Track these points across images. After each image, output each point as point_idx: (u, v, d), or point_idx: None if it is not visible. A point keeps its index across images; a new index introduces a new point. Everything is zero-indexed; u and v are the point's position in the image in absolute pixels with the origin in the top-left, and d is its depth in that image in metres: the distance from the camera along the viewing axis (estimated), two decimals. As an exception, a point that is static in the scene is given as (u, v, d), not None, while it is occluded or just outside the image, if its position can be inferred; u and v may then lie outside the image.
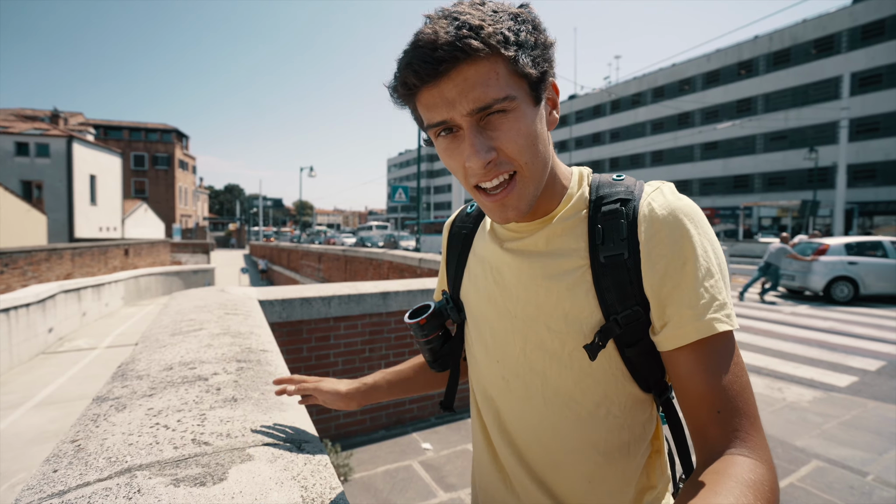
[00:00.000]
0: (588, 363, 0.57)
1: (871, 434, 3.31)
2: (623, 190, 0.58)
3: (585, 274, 0.57)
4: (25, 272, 10.01)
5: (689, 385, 0.51)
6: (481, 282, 0.68)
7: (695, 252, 0.52)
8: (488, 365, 0.67)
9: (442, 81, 0.50)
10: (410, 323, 0.72)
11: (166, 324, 1.72)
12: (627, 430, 0.59)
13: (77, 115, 36.40)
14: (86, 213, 24.16)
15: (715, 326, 0.50)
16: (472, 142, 0.52)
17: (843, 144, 18.20)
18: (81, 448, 0.72)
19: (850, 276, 8.95)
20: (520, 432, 0.64)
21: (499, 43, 0.49)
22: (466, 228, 0.75)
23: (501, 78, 0.50)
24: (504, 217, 0.56)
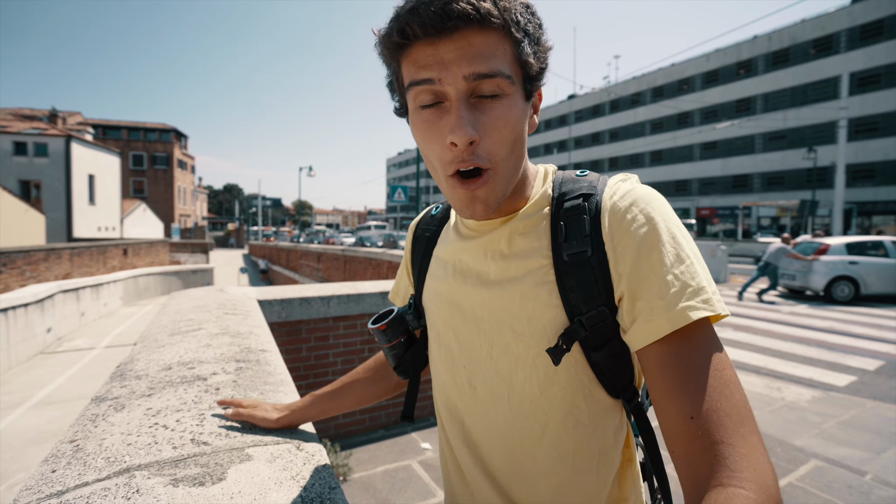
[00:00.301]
0: (553, 368, 0.54)
1: (869, 433, 3.32)
2: (586, 185, 0.56)
3: (548, 273, 0.54)
4: (24, 272, 10.00)
5: (660, 387, 0.45)
6: (444, 285, 0.64)
7: (660, 238, 0.48)
8: (454, 371, 0.63)
9: (443, 40, 0.46)
10: (372, 328, 0.70)
11: (165, 324, 1.72)
12: (597, 440, 0.56)
13: (75, 115, 36.33)
14: (84, 213, 24.12)
15: (689, 315, 0.44)
16: (460, 114, 0.47)
17: (842, 144, 18.23)
18: (80, 448, 0.71)
19: (851, 275, 8.94)
20: (485, 443, 0.60)
21: (512, 21, 0.47)
22: (430, 231, 0.73)
23: (506, 57, 0.48)
24: (472, 210, 0.52)
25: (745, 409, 0.42)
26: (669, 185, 38.74)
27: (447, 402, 0.65)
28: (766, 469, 0.39)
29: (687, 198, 37.25)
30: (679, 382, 0.44)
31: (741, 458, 0.39)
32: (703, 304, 0.45)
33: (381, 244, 26.96)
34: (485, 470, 0.60)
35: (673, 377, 0.44)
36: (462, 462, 0.64)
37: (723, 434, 0.40)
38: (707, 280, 0.47)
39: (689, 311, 0.45)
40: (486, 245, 0.60)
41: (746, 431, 0.41)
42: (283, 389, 1.04)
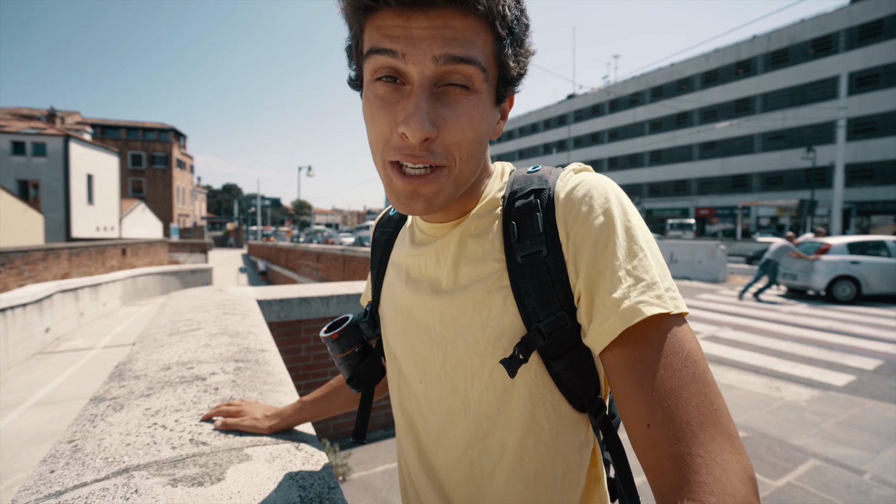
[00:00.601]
0: (510, 381, 0.49)
1: (868, 433, 3.33)
2: (536, 180, 0.52)
3: (502, 278, 0.50)
4: (22, 272, 9.98)
5: (619, 393, 0.42)
6: (398, 292, 0.60)
7: (615, 231, 0.44)
8: (409, 386, 0.60)
9: (417, 14, 0.41)
10: (324, 337, 0.65)
11: (164, 323, 1.71)
12: (561, 459, 0.51)
13: (74, 114, 36.27)
14: (83, 213, 24.09)
15: (641, 310, 0.41)
16: (419, 104, 0.42)
17: (841, 144, 18.26)
18: (78, 448, 0.71)
19: (853, 275, 8.94)
20: (443, 464, 0.56)
21: (499, 14, 0.43)
22: (386, 234, 0.68)
23: (485, 49, 0.43)
24: (410, 208, 0.47)
25: (707, 410, 0.38)
26: (668, 185, 38.77)
27: (402, 420, 0.62)
28: (730, 475, 0.35)
29: (686, 197, 37.28)
30: (636, 387, 0.40)
31: (701, 468, 0.35)
32: (656, 299, 0.41)
33: (380, 244, 26.82)
34: (442, 494, 0.57)
35: (629, 381, 0.41)
36: (419, 485, 0.60)
37: (680, 443, 0.37)
38: (661, 275, 0.44)
39: (641, 306, 0.41)
40: (438, 250, 0.55)
41: (707, 437, 0.37)
42: (283, 389, 1.04)
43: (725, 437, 0.37)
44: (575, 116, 47.12)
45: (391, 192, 0.48)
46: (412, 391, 0.59)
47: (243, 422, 0.80)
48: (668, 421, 0.38)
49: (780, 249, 9.28)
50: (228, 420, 0.80)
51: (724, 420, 0.38)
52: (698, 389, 0.39)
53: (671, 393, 0.39)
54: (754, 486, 0.36)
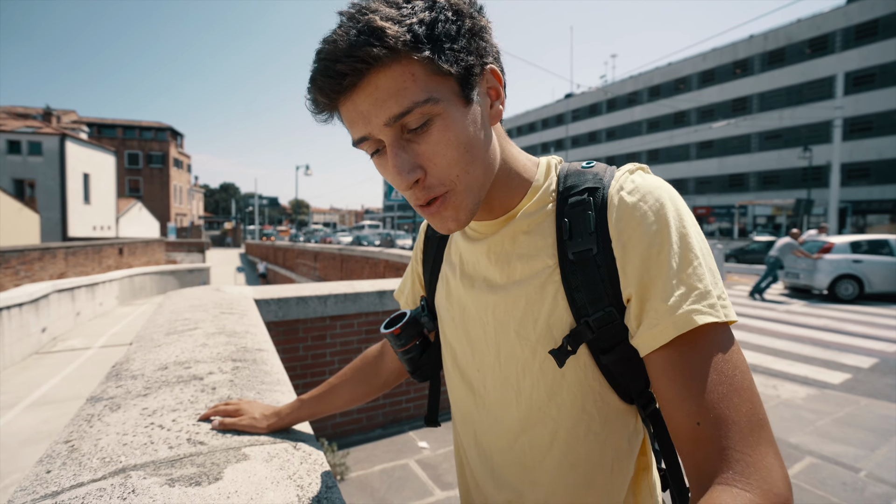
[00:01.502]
0: (560, 373, 0.52)
1: (863, 431, 3.35)
2: (591, 178, 0.52)
3: (554, 274, 0.52)
4: (18, 271, 9.93)
5: (667, 393, 0.44)
6: (453, 288, 0.63)
7: (670, 237, 0.45)
8: (466, 376, 0.62)
9: (354, 94, 0.44)
10: (385, 333, 0.68)
11: (161, 323, 1.71)
12: (611, 447, 0.53)
13: (70, 113, 36.08)
14: (79, 212, 23.98)
15: (694, 319, 0.43)
16: (394, 161, 0.46)
17: (837, 143, 18.33)
18: (75, 448, 0.71)
19: (855, 274, 8.95)
20: (496, 451, 0.59)
21: (407, 44, 0.42)
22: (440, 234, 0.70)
23: (419, 80, 0.44)
24: (445, 228, 0.51)
25: (755, 416, 0.41)
26: (666, 184, 38.81)
27: (459, 407, 0.65)
28: (775, 477, 0.38)
29: (683, 197, 36.58)
30: (685, 388, 0.43)
31: (748, 465, 0.39)
32: (709, 308, 0.43)
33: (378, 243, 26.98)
34: (496, 478, 0.59)
35: (679, 383, 0.43)
36: (475, 469, 0.63)
37: (730, 442, 0.40)
38: (714, 283, 0.45)
39: (694, 315, 0.43)
40: (490, 247, 0.58)
41: (755, 440, 0.40)
42: (280, 388, 1.04)
43: (769, 443, 0.40)
44: (573, 116, 47.15)
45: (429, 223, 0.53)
46: (468, 381, 0.62)
47: (241, 421, 0.80)
48: (719, 421, 0.41)
49: (784, 247, 9.28)
50: (226, 420, 0.80)
51: (767, 429, 0.41)
52: (747, 397, 0.42)
53: (723, 397, 0.41)
54: (790, 489, 0.39)
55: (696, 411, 0.42)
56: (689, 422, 0.42)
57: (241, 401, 0.86)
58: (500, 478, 0.59)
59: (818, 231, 11.30)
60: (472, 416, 0.62)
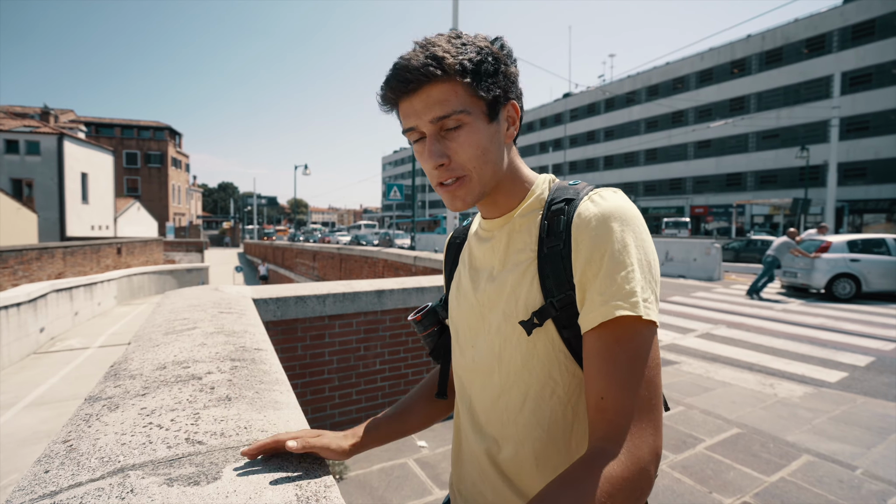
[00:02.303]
0: (532, 343, 0.64)
1: (860, 429, 3.36)
2: (571, 192, 0.67)
3: (532, 264, 0.66)
4: (16, 271, 9.90)
5: (587, 368, 0.57)
6: (463, 280, 0.78)
7: (613, 247, 0.57)
8: (464, 352, 0.75)
9: (412, 97, 0.62)
10: (410, 319, 0.87)
11: (159, 323, 1.71)
12: (571, 410, 0.64)
13: (68, 113, 35.96)
14: (77, 212, 23.91)
15: (614, 311, 0.54)
16: (429, 147, 0.64)
17: (834, 143, 18.37)
18: (73, 448, 0.71)
19: (853, 273, 8.99)
20: (482, 410, 0.72)
21: (456, 72, 0.61)
22: (460, 239, 0.87)
23: (459, 97, 0.62)
24: (454, 205, 0.66)
25: (646, 403, 0.53)
26: (664, 184, 38.91)
27: (459, 377, 0.78)
28: (645, 447, 0.51)
29: (681, 196, 37.44)
30: (599, 367, 0.55)
31: (626, 434, 0.51)
32: (630, 305, 0.55)
33: (376, 243, 26.98)
34: (481, 432, 0.72)
35: (596, 362, 0.56)
36: (464, 425, 0.77)
37: (620, 416, 0.52)
38: (643, 287, 0.56)
39: (616, 308, 0.55)
40: (494, 244, 0.73)
41: (640, 418, 0.52)
42: (279, 388, 1.04)
43: (652, 424, 0.52)
44: (571, 115, 47.16)
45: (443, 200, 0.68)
46: (465, 355, 0.75)
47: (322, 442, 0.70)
48: (616, 399, 0.53)
49: (781, 246, 9.33)
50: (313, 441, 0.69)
51: (655, 413, 0.53)
52: (646, 385, 0.53)
53: (626, 380, 0.53)
54: (656, 459, 0.51)
55: (603, 387, 0.54)
56: (596, 395, 0.55)
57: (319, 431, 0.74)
58: (484, 432, 0.72)
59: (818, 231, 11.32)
60: (466, 384, 0.76)
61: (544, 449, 0.65)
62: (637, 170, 40.95)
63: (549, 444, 0.65)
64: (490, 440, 0.70)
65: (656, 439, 0.52)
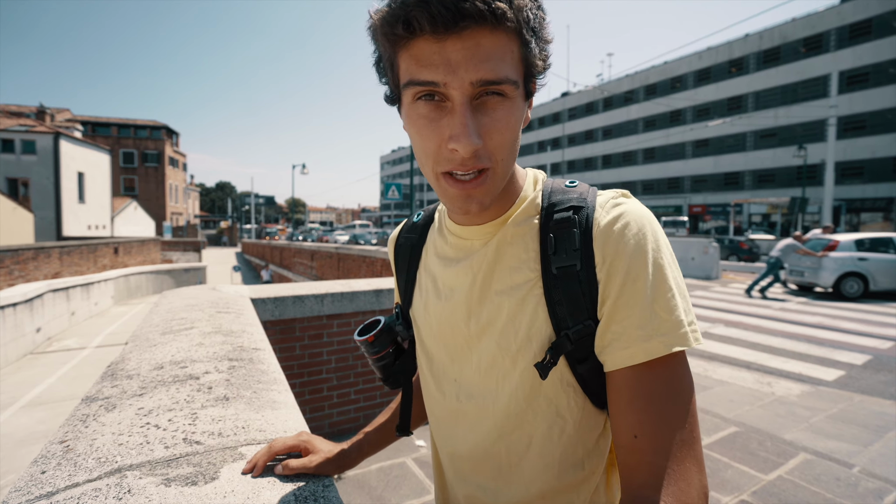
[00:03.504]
0: (539, 381, 0.53)
1: (857, 427, 3.38)
2: (576, 197, 0.54)
3: (535, 287, 0.53)
4: (12, 271, 9.87)
5: (616, 405, 0.48)
6: (432, 297, 0.63)
7: (648, 270, 0.48)
8: (443, 385, 0.63)
9: (450, 38, 0.43)
10: (359, 340, 0.67)
11: (157, 322, 1.70)
12: (581, 446, 0.56)
13: (64, 112, 35.79)
14: (74, 211, 23.82)
15: (662, 349, 0.46)
16: (465, 121, 0.44)
17: (832, 142, 18.44)
18: (70, 449, 0.71)
19: (860, 272, 9.03)
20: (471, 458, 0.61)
21: (524, 21, 0.44)
22: (412, 240, 0.70)
23: (514, 59, 0.46)
24: (466, 209, 0.50)
25: (687, 437, 0.45)
26: (662, 183, 38.97)
27: (436, 419, 0.66)
28: (693, 491, 0.43)
29: (679, 195, 37.50)
30: (632, 404, 0.47)
31: (670, 477, 0.43)
32: (678, 338, 0.47)
33: (374, 242, 26.97)
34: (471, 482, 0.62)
35: (628, 398, 0.47)
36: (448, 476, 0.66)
37: (659, 457, 0.44)
38: (685, 311, 0.48)
39: (664, 344, 0.46)
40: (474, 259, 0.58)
41: (681, 457, 0.44)
42: (277, 388, 1.04)
43: (695, 460, 0.45)
44: (569, 114, 47.17)
45: (445, 199, 0.51)
46: (445, 390, 0.63)
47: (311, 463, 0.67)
48: (654, 437, 0.45)
49: (786, 248, 9.34)
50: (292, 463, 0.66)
51: (697, 447, 0.46)
52: (684, 417, 0.46)
53: (662, 416, 0.46)
54: (706, 500, 0.44)
55: (636, 425, 0.46)
56: (629, 433, 0.46)
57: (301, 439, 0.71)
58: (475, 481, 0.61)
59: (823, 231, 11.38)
60: (446, 428, 0.64)
61: (553, 488, 0.57)
62: (635, 169, 40.99)
63: (557, 482, 0.56)
64: (483, 489, 0.60)
65: (702, 477, 0.44)
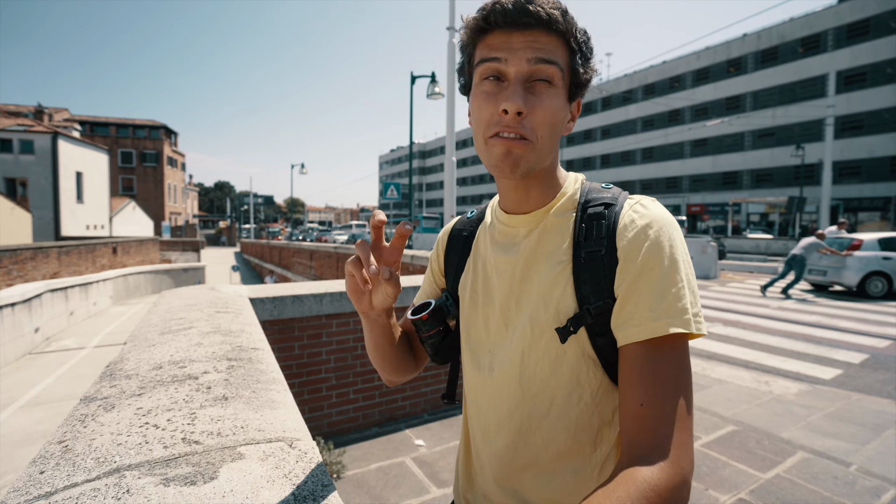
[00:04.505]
0: (563, 350, 0.62)
1: (854, 425, 3.39)
2: (609, 196, 0.65)
3: (566, 268, 0.63)
4: (10, 271, 9.85)
5: (626, 377, 0.56)
6: (480, 278, 0.73)
7: (662, 261, 0.57)
8: (479, 357, 0.72)
9: (516, 32, 0.58)
10: (413, 319, 0.75)
11: (155, 322, 1.70)
12: (597, 416, 0.63)
13: (62, 111, 35.69)
14: (72, 211, 23.76)
15: (668, 329, 0.54)
16: (515, 89, 0.58)
17: (829, 142, 18.48)
18: (69, 449, 0.71)
19: (885, 271, 8.96)
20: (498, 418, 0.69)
21: (572, 33, 0.59)
22: (467, 231, 0.80)
23: (561, 56, 0.59)
24: (502, 165, 0.60)
25: (685, 411, 0.53)
26: (660, 182, 39.01)
27: (469, 385, 0.75)
28: (686, 456, 0.51)
29: (678, 194, 37.55)
30: (641, 376, 0.54)
31: (668, 443, 0.50)
32: (682, 322, 0.55)
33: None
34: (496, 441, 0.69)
35: (638, 371, 0.55)
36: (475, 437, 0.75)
37: (661, 423, 0.51)
38: (692, 303, 0.56)
39: (669, 325, 0.54)
40: (518, 242, 0.68)
41: (680, 427, 0.52)
42: (275, 388, 1.04)
43: (689, 432, 0.53)
44: (568, 114, 47.11)
45: (488, 158, 0.62)
46: (481, 361, 0.71)
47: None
48: (657, 406, 0.52)
49: (810, 246, 9.23)
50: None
51: (691, 422, 0.54)
52: (684, 394, 0.54)
53: (666, 389, 0.53)
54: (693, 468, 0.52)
55: (643, 395, 0.53)
56: (635, 402, 0.54)
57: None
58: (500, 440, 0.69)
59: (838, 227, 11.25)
60: (480, 391, 0.72)
61: (567, 450, 0.64)
62: (634, 168, 41.03)
63: (572, 445, 0.64)
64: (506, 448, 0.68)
65: (692, 447, 0.52)
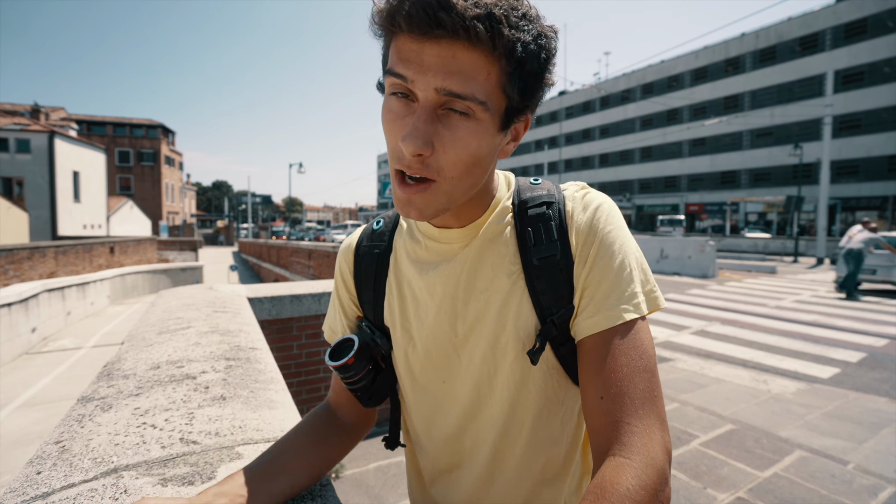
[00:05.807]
0: (528, 367, 0.57)
1: (851, 424, 3.40)
2: (545, 193, 0.59)
3: (519, 279, 0.56)
4: (7, 271, 9.81)
5: (585, 371, 0.52)
6: (410, 303, 0.62)
7: (614, 250, 0.54)
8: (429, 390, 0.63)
9: (428, 43, 0.43)
10: (336, 365, 0.60)
11: (153, 322, 1.70)
12: (568, 422, 0.62)
13: (59, 110, 35.57)
14: (69, 211, 23.69)
15: (622, 315, 0.51)
16: (417, 124, 0.45)
17: (827, 141, 18.50)
18: (66, 449, 0.71)
19: None
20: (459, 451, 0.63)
21: (506, 49, 0.44)
22: (379, 247, 0.66)
23: (489, 82, 0.45)
24: (406, 213, 0.50)
25: (648, 394, 0.48)
26: (659, 181, 39.08)
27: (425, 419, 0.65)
28: (654, 444, 0.46)
29: (676, 194, 37.62)
30: (599, 367, 0.50)
31: (633, 435, 0.46)
32: (635, 307, 0.52)
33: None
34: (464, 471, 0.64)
35: (596, 363, 0.51)
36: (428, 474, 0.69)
37: (623, 414, 0.47)
38: (642, 282, 0.54)
39: (623, 312, 0.52)
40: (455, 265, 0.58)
41: (643, 413, 0.47)
42: (274, 387, 1.03)
43: (657, 417, 0.48)
44: (566, 113, 47.20)
45: (394, 196, 0.52)
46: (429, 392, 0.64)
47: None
48: (617, 396, 0.48)
49: (868, 240, 8.82)
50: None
51: (658, 404, 0.49)
52: (646, 377, 0.49)
53: (625, 376, 0.49)
54: (669, 456, 0.46)
55: (601, 386, 0.49)
56: (595, 396, 0.50)
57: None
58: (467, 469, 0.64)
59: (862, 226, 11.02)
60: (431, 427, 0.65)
61: (536, 456, 0.61)
62: (632, 167, 41.09)
63: (541, 451, 0.61)
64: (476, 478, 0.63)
65: (664, 434, 0.47)
